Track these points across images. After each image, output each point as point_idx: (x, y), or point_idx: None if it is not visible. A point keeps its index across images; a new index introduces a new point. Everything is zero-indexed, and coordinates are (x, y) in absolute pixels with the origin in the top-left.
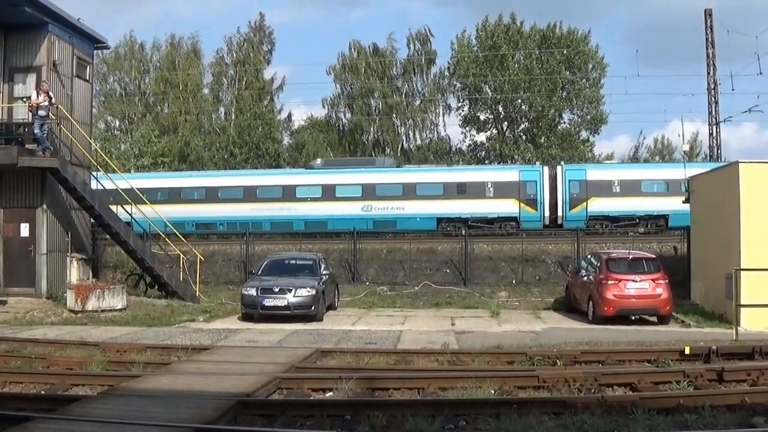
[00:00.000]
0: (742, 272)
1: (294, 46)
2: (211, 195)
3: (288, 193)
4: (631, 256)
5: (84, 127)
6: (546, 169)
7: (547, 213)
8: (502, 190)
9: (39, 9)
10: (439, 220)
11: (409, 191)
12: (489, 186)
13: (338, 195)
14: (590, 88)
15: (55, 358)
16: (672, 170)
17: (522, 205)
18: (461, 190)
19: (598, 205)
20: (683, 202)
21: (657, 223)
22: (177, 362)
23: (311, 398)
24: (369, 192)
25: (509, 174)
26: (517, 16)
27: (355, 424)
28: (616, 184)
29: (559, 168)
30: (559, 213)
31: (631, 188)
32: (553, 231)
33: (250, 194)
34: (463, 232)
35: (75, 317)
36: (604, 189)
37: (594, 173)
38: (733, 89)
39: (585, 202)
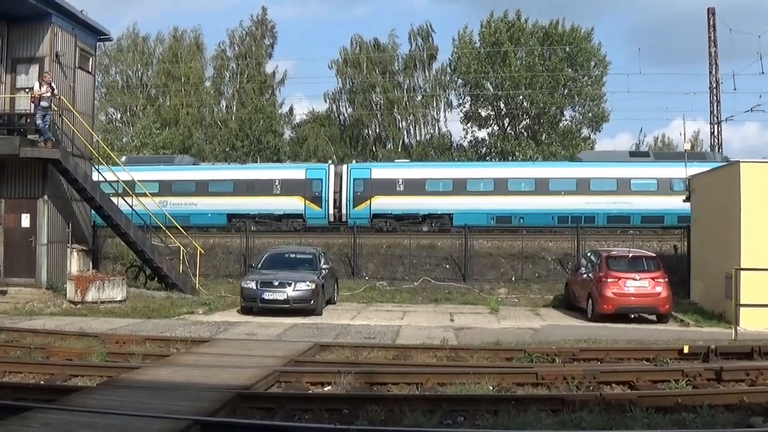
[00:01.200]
0: (742, 272)
1: (298, 41)
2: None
3: None
4: (631, 255)
5: (86, 118)
6: (332, 167)
7: (331, 210)
8: (289, 187)
9: (42, 0)
10: (230, 216)
11: (201, 188)
12: (276, 184)
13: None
14: (592, 86)
15: (55, 348)
16: (457, 170)
17: (307, 202)
18: (250, 188)
19: (382, 203)
20: (684, 201)
21: (442, 221)
22: (176, 354)
23: (310, 392)
24: (166, 188)
25: (296, 172)
26: (522, 12)
27: (354, 419)
28: (400, 183)
29: (344, 167)
30: (344, 210)
31: (415, 187)
32: (553, 228)
33: None
34: (464, 228)
35: (75, 308)
36: (388, 188)
37: (378, 172)
38: (735, 88)
39: (369, 200)
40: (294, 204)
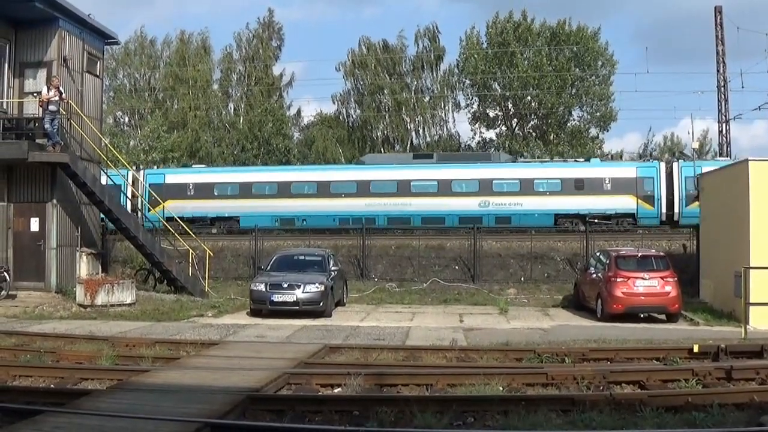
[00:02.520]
0: (752, 270)
1: (306, 43)
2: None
3: None
4: (640, 254)
5: (94, 122)
6: (130, 173)
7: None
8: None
9: (50, 4)
10: None
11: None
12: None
13: None
14: (600, 85)
15: (65, 352)
16: (243, 174)
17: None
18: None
19: (174, 207)
20: (694, 199)
21: (229, 224)
22: (186, 357)
23: (320, 394)
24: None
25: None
26: (528, 13)
27: (364, 420)
28: (190, 187)
29: (142, 172)
30: (139, 214)
31: (203, 191)
32: (563, 228)
33: None
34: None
35: (84, 312)
36: (180, 192)
37: (171, 178)
38: (743, 86)
39: (162, 204)
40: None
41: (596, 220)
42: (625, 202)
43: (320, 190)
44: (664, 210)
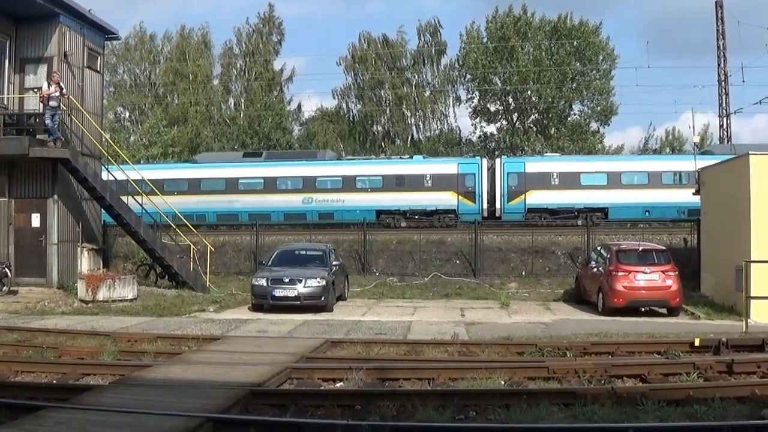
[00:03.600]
0: (752, 264)
1: (310, 38)
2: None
3: None
4: (641, 248)
5: (95, 117)
6: None
7: None
8: None
9: (50, 0)
10: None
11: None
12: None
13: None
14: (600, 80)
15: (67, 347)
16: None
17: None
18: None
19: None
20: (693, 194)
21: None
22: (188, 352)
23: (322, 388)
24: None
25: None
26: (529, 7)
27: (366, 414)
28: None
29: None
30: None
31: None
32: (564, 222)
33: None
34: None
35: (86, 307)
36: None
37: None
38: (743, 81)
39: None
40: None
41: (416, 216)
42: (446, 199)
43: (157, 188)
44: (485, 206)
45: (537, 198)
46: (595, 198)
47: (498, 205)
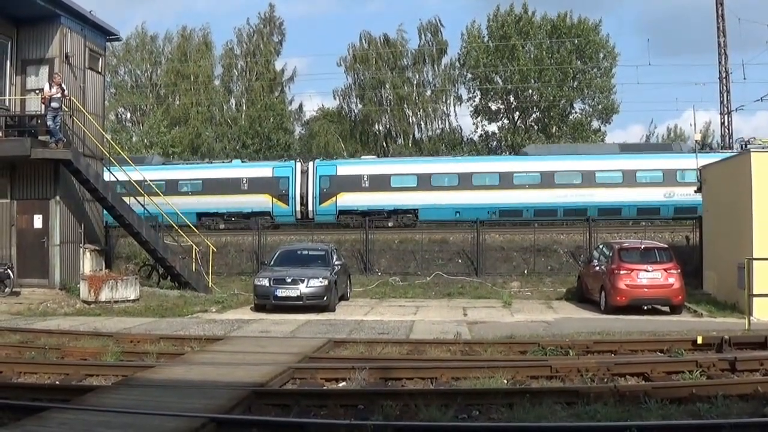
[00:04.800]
0: (755, 262)
1: (311, 38)
2: None
3: None
4: (643, 246)
5: (96, 118)
6: None
7: None
8: None
9: (51, 1)
10: None
11: None
12: None
13: None
14: (601, 78)
15: (70, 348)
16: None
17: None
18: None
19: None
20: (695, 192)
21: None
22: (190, 353)
23: (325, 388)
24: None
25: None
26: (530, 5)
27: (369, 414)
28: None
29: None
30: None
31: None
32: (566, 220)
33: None
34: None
35: (88, 308)
36: None
37: None
38: (744, 78)
39: None
40: None
41: (233, 219)
42: (262, 201)
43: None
44: (298, 208)
45: (348, 200)
46: (405, 200)
47: (310, 207)
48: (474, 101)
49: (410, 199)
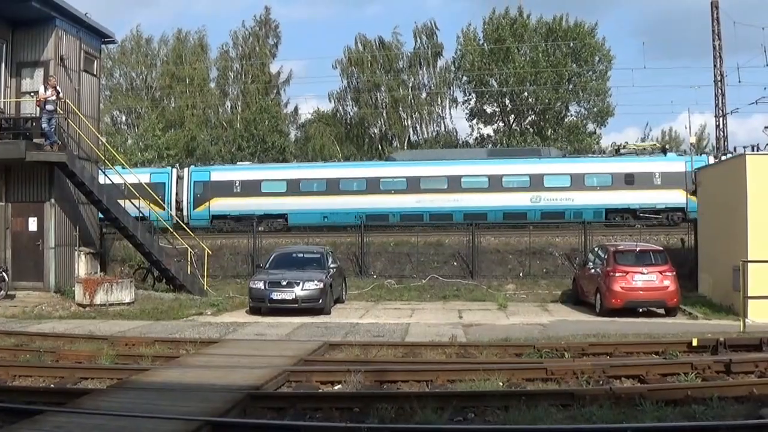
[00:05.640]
0: (750, 264)
1: (309, 41)
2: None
3: None
4: (638, 249)
5: (91, 121)
6: None
7: None
8: None
9: (46, 4)
10: None
11: None
12: None
13: None
14: (597, 81)
15: (65, 351)
16: None
17: None
18: None
19: None
20: (690, 194)
21: None
22: (186, 356)
23: (320, 391)
24: None
25: None
26: (526, 9)
27: (364, 417)
28: None
29: None
30: None
31: None
32: (560, 223)
33: None
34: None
35: (83, 311)
36: None
37: None
38: (740, 81)
39: None
40: None
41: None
42: (142, 206)
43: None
44: (173, 212)
45: (220, 205)
46: (275, 205)
47: (185, 212)
48: (469, 104)
49: (280, 205)
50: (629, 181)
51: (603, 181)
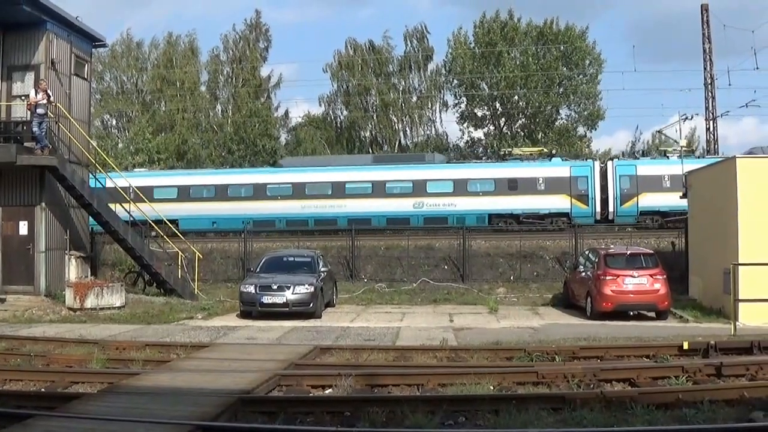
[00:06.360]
0: (740, 267)
1: (301, 44)
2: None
3: None
4: (629, 252)
5: (82, 125)
6: None
7: None
8: None
9: (38, 7)
10: None
11: None
12: None
13: None
14: (587, 84)
15: (55, 355)
16: None
17: None
18: None
19: None
20: (681, 197)
21: None
22: (176, 360)
23: (311, 395)
24: None
25: None
26: (518, 12)
27: (355, 421)
28: None
29: None
30: None
31: None
32: (553, 227)
33: None
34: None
35: (74, 315)
36: None
37: None
38: (730, 84)
39: None
40: None
41: None
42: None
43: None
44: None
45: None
46: (167, 210)
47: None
48: (460, 107)
49: (171, 210)
50: (512, 186)
51: (486, 187)
